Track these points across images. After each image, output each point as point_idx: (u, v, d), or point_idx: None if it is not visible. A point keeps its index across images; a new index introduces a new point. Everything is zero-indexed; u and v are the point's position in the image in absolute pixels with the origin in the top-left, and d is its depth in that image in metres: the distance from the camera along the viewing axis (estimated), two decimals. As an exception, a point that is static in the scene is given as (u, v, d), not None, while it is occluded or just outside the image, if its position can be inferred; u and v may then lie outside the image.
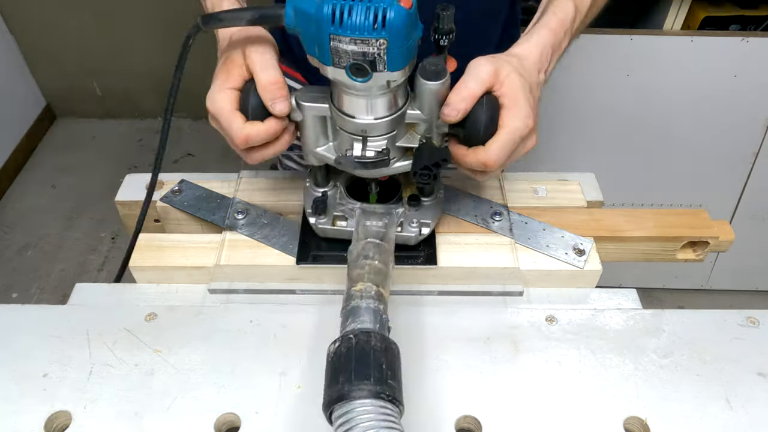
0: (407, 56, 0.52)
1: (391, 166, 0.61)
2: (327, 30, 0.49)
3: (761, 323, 0.64)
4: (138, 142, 2.72)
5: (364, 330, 0.49)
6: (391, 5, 0.48)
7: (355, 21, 0.48)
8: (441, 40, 0.55)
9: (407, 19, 0.49)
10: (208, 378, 0.59)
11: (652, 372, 0.59)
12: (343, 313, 0.52)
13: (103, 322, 0.64)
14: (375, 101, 0.56)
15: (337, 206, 0.68)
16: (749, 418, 0.55)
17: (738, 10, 1.41)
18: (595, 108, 1.52)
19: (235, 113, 0.58)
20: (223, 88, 0.58)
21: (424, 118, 0.59)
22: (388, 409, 0.44)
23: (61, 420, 0.56)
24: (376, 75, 0.52)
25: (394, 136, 0.60)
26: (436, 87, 0.56)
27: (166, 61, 2.81)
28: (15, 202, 2.43)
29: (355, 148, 0.60)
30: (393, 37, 0.49)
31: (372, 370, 0.45)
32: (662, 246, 0.74)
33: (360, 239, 0.60)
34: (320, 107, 0.59)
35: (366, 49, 0.49)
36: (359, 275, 0.55)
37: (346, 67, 0.51)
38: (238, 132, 0.57)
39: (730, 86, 1.44)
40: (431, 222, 0.68)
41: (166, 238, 0.73)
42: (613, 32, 1.39)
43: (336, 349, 0.48)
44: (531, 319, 0.65)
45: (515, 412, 0.56)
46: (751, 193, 1.66)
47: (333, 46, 0.50)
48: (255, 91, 0.57)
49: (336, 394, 0.44)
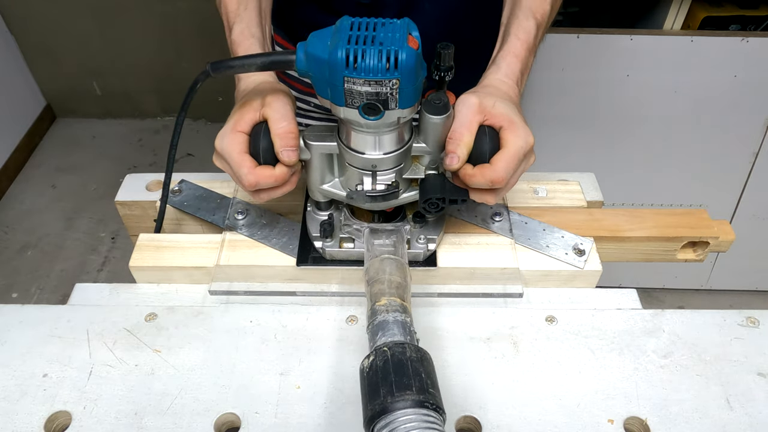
0: (416, 94, 0.54)
1: (399, 198, 0.63)
2: (341, 73, 0.51)
3: (761, 323, 0.64)
4: (138, 142, 2.72)
5: (398, 342, 0.49)
6: (402, 47, 0.50)
7: (369, 64, 0.50)
8: (446, 76, 0.57)
9: (416, 59, 0.51)
10: (208, 378, 0.59)
11: (652, 372, 0.59)
12: (369, 329, 0.52)
13: (103, 322, 0.64)
14: (383, 137, 0.58)
15: (343, 228, 0.69)
16: (749, 418, 0.56)
17: (738, 10, 1.41)
18: (595, 108, 1.52)
19: (244, 157, 0.59)
20: (234, 131, 0.60)
21: (429, 150, 0.61)
22: (432, 417, 0.44)
23: (61, 420, 0.56)
24: (387, 113, 0.54)
25: (401, 169, 0.62)
26: (441, 120, 0.58)
27: (166, 61, 2.83)
28: (15, 202, 2.43)
29: (365, 183, 0.61)
30: (405, 77, 0.51)
31: (413, 380, 0.45)
32: (662, 246, 0.74)
33: (374, 257, 0.60)
34: (328, 145, 0.61)
35: (379, 90, 0.51)
36: (381, 291, 0.55)
37: (359, 107, 0.53)
38: (247, 176, 0.59)
39: (730, 86, 1.44)
40: (436, 237, 0.68)
41: (166, 238, 0.72)
42: (613, 32, 1.39)
43: (371, 363, 0.47)
44: (531, 319, 0.65)
45: (515, 412, 0.56)
46: (751, 193, 1.66)
47: (347, 88, 0.52)
48: (266, 133, 0.59)
49: (379, 408, 0.44)
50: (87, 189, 2.48)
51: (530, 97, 1.49)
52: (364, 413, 0.45)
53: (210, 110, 2.60)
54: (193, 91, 0.62)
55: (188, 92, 0.63)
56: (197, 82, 0.62)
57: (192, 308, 0.66)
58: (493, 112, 0.59)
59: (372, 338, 0.51)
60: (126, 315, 0.65)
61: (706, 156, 1.60)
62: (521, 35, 0.68)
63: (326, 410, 0.56)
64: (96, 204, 2.40)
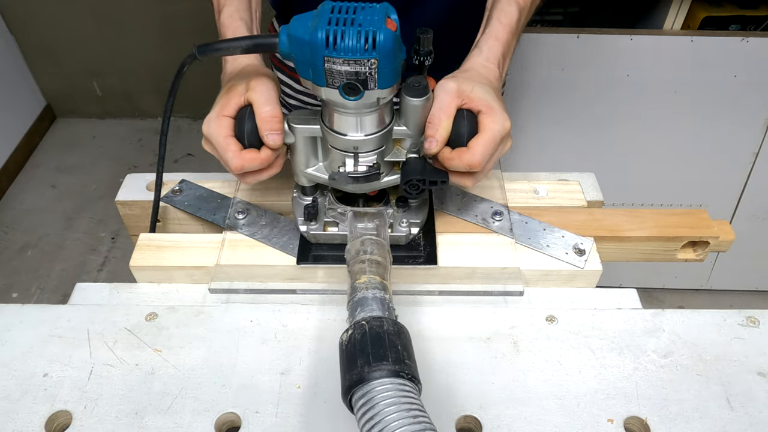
0: (395, 75, 0.55)
1: (381, 180, 0.65)
2: (321, 53, 0.52)
3: (761, 323, 0.64)
4: (138, 142, 2.72)
5: (375, 317, 0.50)
6: (380, 28, 0.51)
7: (348, 44, 0.52)
8: (425, 60, 0.59)
9: (394, 40, 0.52)
10: (208, 378, 0.59)
11: (652, 372, 0.59)
12: (349, 305, 0.53)
13: (103, 321, 0.64)
14: (365, 119, 0.59)
15: (328, 212, 0.70)
16: (749, 418, 0.56)
17: (738, 10, 1.41)
18: (595, 108, 1.52)
19: (229, 140, 0.61)
20: (220, 115, 0.61)
21: (410, 133, 0.63)
22: (408, 386, 0.45)
23: (61, 420, 0.56)
24: (367, 93, 0.55)
25: (382, 152, 0.63)
26: (421, 103, 0.60)
27: (165, 61, 2.83)
28: (15, 202, 2.43)
29: (347, 164, 0.63)
30: (383, 57, 0.52)
31: (389, 352, 0.46)
32: (662, 246, 0.74)
33: (356, 238, 0.61)
34: (311, 128, 0.63)
35: (358, 69, 0.53)
36: (361, 269, 0.56)
37: (339, 87, 0.55)
38: (233, 159, 0.60)
39: (730, 86, 1.44)
40: (420, 221, 0.69)
41: (166, 238, 0.73)
42: (613, 32, 1.39)
43: (350, 337, 0.49)
44: (531, 319, 0.65)
45: (515, 412, 0.56)
46: (751, 193, 1.66)
47: (327, 67, 0.53)
48: (250, 117, 0.60)
49: (356, 377, 0.45)
50: (87, 189, 2.48)
51: (530, 97, 1.49)
52: (342, 383, 0.46)
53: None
54: (181, 74, 0.63)
55: (176, 75, 0.64)
56: (184, 65, 0.63)
57: (192, 308, 0.67)
58: (471, 96, 0.60)
59: (351, 314, 0.52)
60: (126, 315, 0.65)
61: (706, 156, 1.60)
62: (503, 19, 0.69)
63: (326, 410, 0.56)
64: (96, 204, 2.40)
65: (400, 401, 0.43)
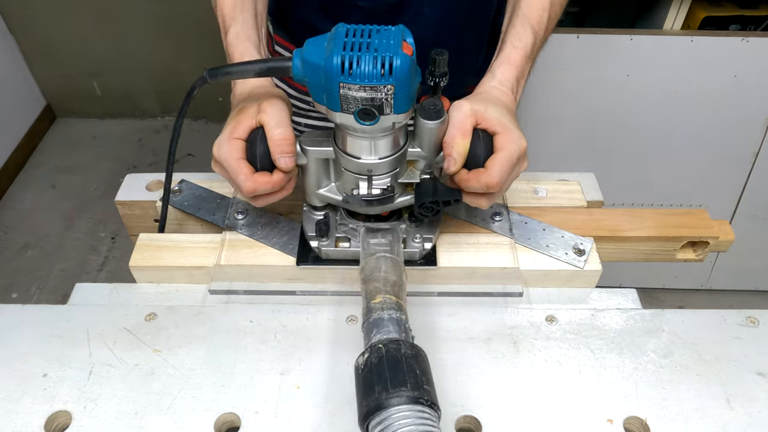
0: (411, 100, 0.54)
1: (394, 202, 0.64)
2: (337, 79, 0.51)
3: (761, 323, 0.64)
4: (138, 142, 2.72)
5: (392, 339, 0.49)
6: (397, 54, 0.50)
7: (364, 70, 0.50)
8: (440, 81, 0.58)
9: (411, 65, 0.51)
10: (208, 378, 0.59)
11: (652, 372, 0.59)
12: (365, 327, 0.52)
13: (103, 322, 0.64)
14: (379, 142, 0.58)
15: (339, 228, 0.69)
16: (749, 418, 0.56)
17: (738, 10, 1.41)
18: (595, 108, 1.52)
19: (241, 163, 0.60)
20: (231, 138, 0.60)
21: (424, 155, 0.62)
22: (427, 413, 0.44)
23: (61, 420, 0.56)
24: (383, 118, 0.54)
25: (396, 174, 0.62)
26: (436, 125, 0.59)
27: (166, 61, 2.83)
28: (15, 202, 2.43)
29: (360, 187, 0.62)
30: (399, 83, 0.51)
31: (408, 377, 0.45)
32: (662, 246, 0.74)
33: (369, 255, 0.60)
34: (324, 150, 0.62)
35: (375, 95, 0.52)
36: (376, 289, 0.55)
37: (354, 112, 0.54)
38: (245, 183, 0.59)
39: (730, 86, 1.44)
40: (433, 237, 0.68)
41: (166, 238, 0.73)
42: (613, 32, 1.39)
43: (366, 361, 0.47)
44: (531, 319, 0.65)
45: (515, 412, 0.56)
46: (751, 193, 1.66)
47: (343, 93, 0.52)
48: (262, 140, 0.59)
49: (374, 404, 0.44)
50: (87, 189, 2.48)
51: (530, 97, 1.49)
52: (359, 410, 0.45)
53: (210, 110, 2.60)
54: (190, 97, 0.63)
55: (185, 98, 0.63)
56: (194, 88, 0.62)
57: (192, 308, 0.66)
58: (486, 116, 0.60)
59: (367, 336, 0.51)
60: (126, 315, 0.65)
61: (706, 156, 1.60)
62: (517, 44, 0.68)
63: (326, 410, 0.56)
64: (96, 204, 2.40)
65: (418, 429, 0.42)
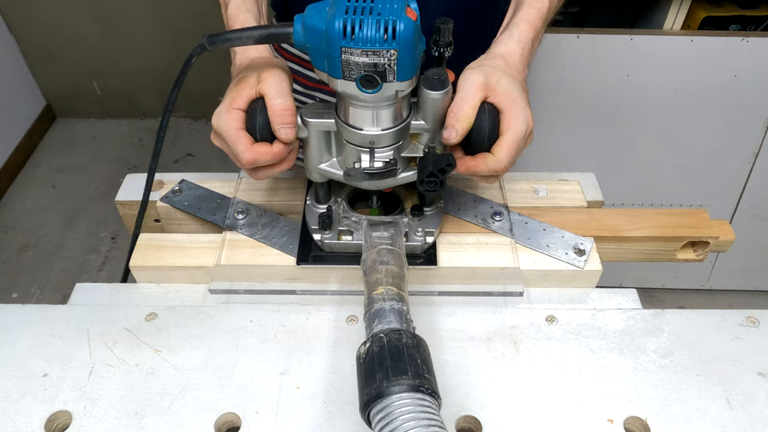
0: (415, 66, 0.53)
1: (397, 177, 0.63)
2: (338, 44, 0.50)
3: (761, 323, 0.64)
4: (138, 142, 2.72)
5: (394, 329, 0.49)
6: (400, 17, 0.49)
7: (367, 34, 0.49)
8: (445, 52, 0.57)
9: (415, 30, 0.50)
10: (208, 378, 0.59)
11: (652, 372, 0.59)
12: (366, 317, 0.52)
13: (103, 322, 0.64)
14: (381, 112, 0.57)
15: (342, 221, 0.68)
16: (749, 418, 0.56)
17: (738, 10, 1.41)
18: (595, 108, 1.52)
19: (241, 133, 0.59)
20: (230, 108, 0.59)
21: (428, 128, 0.60)
22: (427, 401, 0.44)
23: (61, 420, 0.56)
24: (385, 85, 0.53)
25: (399, 147, 0.61)
26: (440, 96, 0.58)
27: (166, 61, 2.83)
28: (15, 202, 2.43)
29: (362, 160, 0.61)
30: (403, 48, 0.50)
31: (408, 366, 0.45)
32: (662, 246, 0.74)
33: (371, 248, 0.60)
34: (326, 122, 0.60)
35: (377, 60, 0.51)
36: (378, 280, 0.55)
37: (356, 79, 0.52)
38: (244, 153, 0.58)
39: (730, 86, 1.44)
40: (435, 230, 0.68)
41: (166, 238, 0.73)
42: (613, 32, 1.39)
43: (368, 350, 0.48)
44: (531, 319, 0.65)
45: (515, 412, 0.56)
46: (751, 193, 1.66)
47: (344, 59, 0.51)
48: (262, 110, 0.58)
49: (375, 392, 0.44)
50: (87, 189, 2.48)
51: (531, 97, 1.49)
52: (360, 398, 0.46)
53: (210, 110, 2.58)
54: (189, 65, 0.61)
55: (183, 66, 0.61)
56: (192, 56, 0.61)
57: (192, 308, 0.66)
58: (497, 89, 0.59)
59: (369, 326, 0.51)
60: (126, 315, 0.65)
61: (706, 156, 1.60)
62: (535, 4, 0.67)
63: (326, 410, 0.56)
64: (96, 204, 2.40)
65: (419, 416, 0.42)
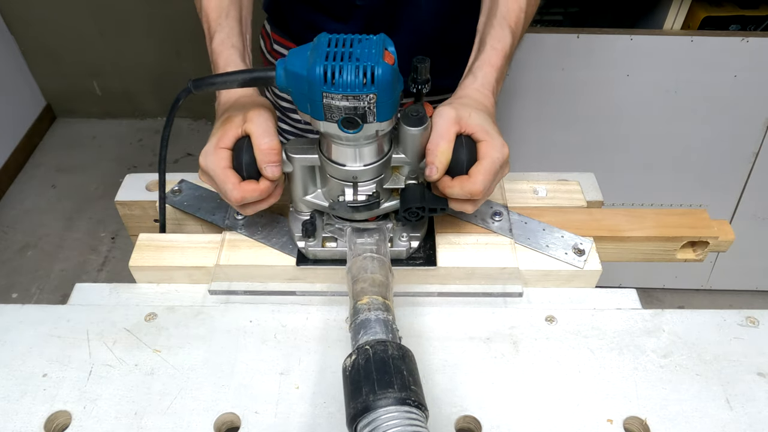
0: (393, 107, 0.55)
1: (380, 207, 0.64)
2: (320, 89, 0.52)
3: (761, 323, 0.64)
4: (138, 142, 2.72)
5: (379, 340, 0.49)
6: (378, 63, 0.51)
7: (346, 79, 0.51)
8: (423, 88, 0.59)
9: (393, 74, 0.52)
10: (208, 378, 0.59)
11: (651, 372, 0.59)
12: (352, 328, 0.52)
13: (103, 322, 0.64)
14: (363, 149, 0.59)
15: (326, 228, 0.69)
16: (749, 418, 0.56)
17: (738, 10, 1.41)
18: (595, 108, 1.52)
19: (228, 172, 0.60)
20: (217, 148, 0.61)
21: (408, 161, 0.62)
22: (414, 414, 0.44)
23: (61, 420, 0.56)
24: (366, 126, 0.55)
25: (381, 180, 0.63)
26: (419, 132, 0.59)
27: (165, 61, 2.82)
28: (15, 202, 2.43)
29: (346, 194, 0.63)
30: (381, 92, 0.52)
31: (394, 378, 0.45)
32: (662, 246, 0.74)
33: (356, 255, 0.61)
34: (309, 158, 0.62)
35: (357, 104, 0.53)
36: (363, 289, 0.55)
37: (338, 120, 0.54)
38: (233, 192, 0.60)
39: (730, 86, 1.44)
40: (420, 235, 0.69)
41: (166, 238, 0.73)
42: (613, 32, 1.39)
43: (353, 362, 0.48)
44: (530, 319, 0.65)
45: (515, 412, 0.56)
46: (751, 193, 1.66)
47: (326, 103, 0.53)
48: (248, 149, 0.60)
49: (361, 406, 0.44)
50: (87, 189, 2.48)
51: (530, 97, 1.49)
52: (347, 412, 0.46)
53: (210, 111, 2.58)
54: (175, 107, 0.63)
55: (171, 109, 0.64)
56: (179, 99, 0.63)
57: (192, 308, 0.67)
58: (469, 122, 0.61)
59: (354, 337, 0.51)
60: (126, 315, 0.65)
61: (706, 156, 1.60)
62: (497, 45, 0.69)
63: (326, 410, 0.56)
64: (96, 204, 2.40)
65: (406, 430, 0.42)
